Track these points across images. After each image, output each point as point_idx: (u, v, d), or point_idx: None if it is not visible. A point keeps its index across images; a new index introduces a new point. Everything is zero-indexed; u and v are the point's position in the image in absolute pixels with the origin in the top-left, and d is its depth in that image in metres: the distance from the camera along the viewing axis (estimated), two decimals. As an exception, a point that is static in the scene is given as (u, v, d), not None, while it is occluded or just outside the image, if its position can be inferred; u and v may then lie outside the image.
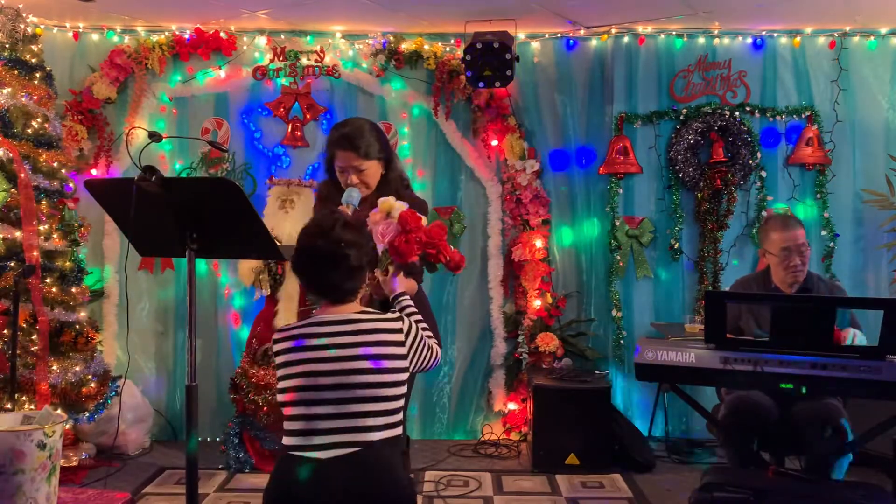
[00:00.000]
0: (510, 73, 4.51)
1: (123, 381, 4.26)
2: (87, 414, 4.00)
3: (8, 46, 4.02)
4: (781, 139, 4.84)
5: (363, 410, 2.11)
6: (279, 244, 2.69)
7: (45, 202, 3.97)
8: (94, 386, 3.97)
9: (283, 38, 4.89)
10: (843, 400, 3.20)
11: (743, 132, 4.74)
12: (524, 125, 4.92)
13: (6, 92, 3.91)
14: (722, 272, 4.78)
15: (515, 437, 4.82)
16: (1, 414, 2.40)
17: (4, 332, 3.67)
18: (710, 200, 4.77)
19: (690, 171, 4.77)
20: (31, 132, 3.96)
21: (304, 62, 4.86)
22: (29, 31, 4.14)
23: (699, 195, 4.79)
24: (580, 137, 4.94)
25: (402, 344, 2.21)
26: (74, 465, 4.06)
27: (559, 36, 4.91)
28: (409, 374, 2.23)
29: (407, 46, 4.83)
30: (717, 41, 4.86)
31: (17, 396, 3.56)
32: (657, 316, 4.84)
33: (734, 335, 3.12)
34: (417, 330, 2.28)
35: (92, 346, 4.10)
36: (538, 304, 4.78)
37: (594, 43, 4.93)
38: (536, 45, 4.95)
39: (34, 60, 4.11)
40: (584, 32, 4.88)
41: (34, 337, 3.77)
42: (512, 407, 4.85)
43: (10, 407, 3.47)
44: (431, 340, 2.36)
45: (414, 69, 4.88)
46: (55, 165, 4.04)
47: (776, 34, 4.82)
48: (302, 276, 2.25)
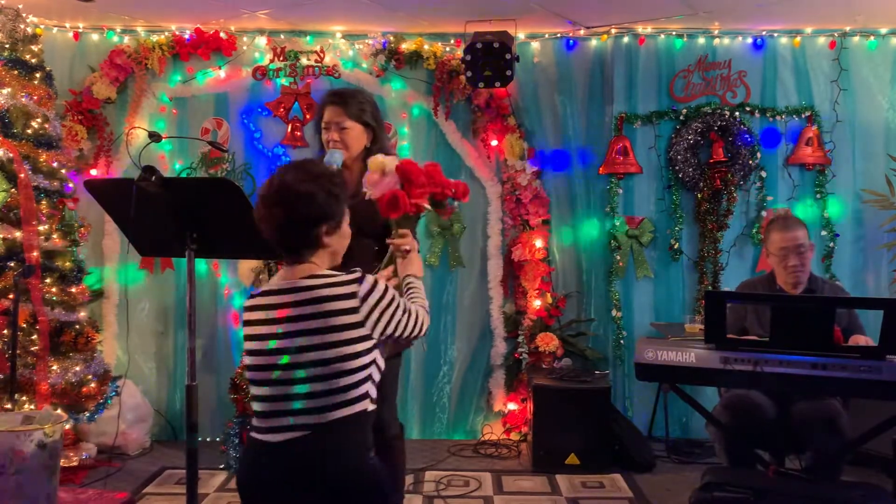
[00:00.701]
0: (510, 73, 4.51)
1: (123, 381, 4.28)
2: (87, 414, 4.01)
3: (8, 46, 4.03)
4: (781, 139, 4.83)
5: (314, 391, 1.92)
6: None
7: (45, 202, 3.97)
8: (94, 386, 3.98)
9: (282, 38, 4.89)
10: (843, 400, 3.20)
11: (743, 132, 4.73)
12: (524, 125, 4.92)
13: (6, 92, 3.91)
14: (722, 272, 4.78)
15: (515, 437, 4.82)
16: (1, 414, 2.40)
17: (4, 332, 3.67)
18: (709, 200, 4.77)
19: (690, 171, 4.77)
20: (31, 132, 3.96)
21: (304, 62, 4.86)
22: (29, 31, 4.14)
23: (699, 195, 4.79)
24: (580, 137, 4.93)
25: (355, 311, 1.94)
26: (74, 465, 4.06)
27: (559, 36, 4.91)
28: (372, 342, 1.98)
29: (407, 46, 4.83)
30: (717, 41, 4.85)
31: (17, 396, 3.56)
32: (657, 316, 4.84)
33: (739, 336, 3.12)
34: (385, 293, 2.01)
35: (92, 346, 4.10)
36: (538, 304, 4.78)
37: (594, 43, 4.92)
38: (536, 45, 4.95)
39: (34, 60, 4.12)
40: (583, 32, 4.88)
41: (34, 337, 3.78)
42: (512, 407, 4.84)
43: (10, 407, 3.47)
44: (416, 305, 2.15)
45: (414, 69, 4.88)
46: (55, 165, 4.04)
47: (776, 34, 4.82)
48: (260, 227, 2.01)
